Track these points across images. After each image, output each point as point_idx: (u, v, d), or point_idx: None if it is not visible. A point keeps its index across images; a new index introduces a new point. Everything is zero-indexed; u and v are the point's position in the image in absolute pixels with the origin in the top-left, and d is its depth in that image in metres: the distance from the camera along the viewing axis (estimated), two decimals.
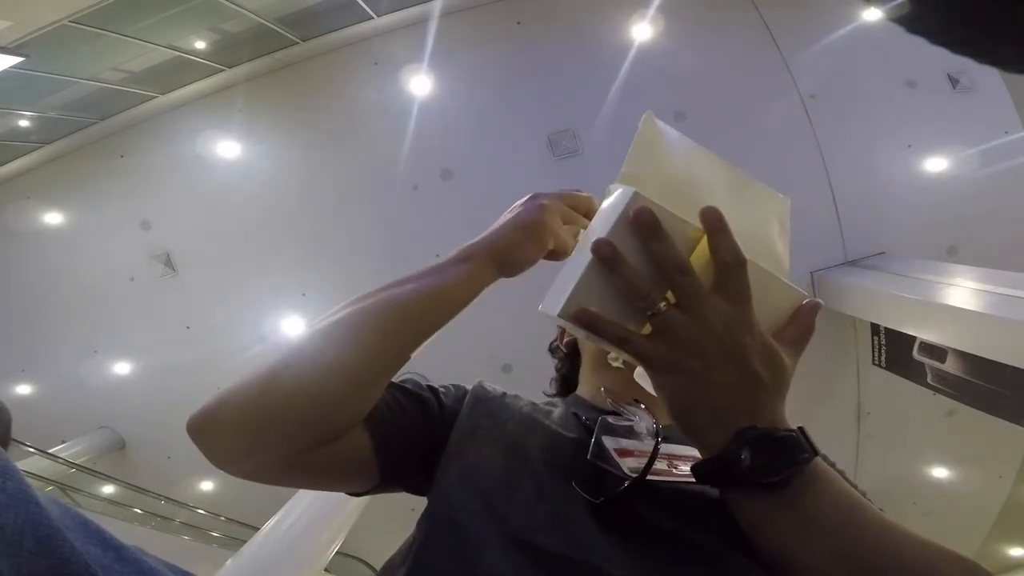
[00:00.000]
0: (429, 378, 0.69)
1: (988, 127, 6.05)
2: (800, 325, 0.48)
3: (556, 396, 0.90)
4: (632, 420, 0.64)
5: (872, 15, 5.43)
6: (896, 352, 5.53)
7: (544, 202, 0.60)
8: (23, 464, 5.36)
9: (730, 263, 0.44)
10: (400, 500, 0.81)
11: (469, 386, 0.71)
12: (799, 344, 0.48)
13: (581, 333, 0.49)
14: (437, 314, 0.55)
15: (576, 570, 0.46)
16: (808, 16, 6.16)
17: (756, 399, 0.44)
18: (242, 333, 6.83)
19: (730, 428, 0.44)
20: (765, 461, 0.43)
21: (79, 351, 7.06)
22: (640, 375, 0.59)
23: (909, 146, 6.18)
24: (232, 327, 6.85)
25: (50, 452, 6.03)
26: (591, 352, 0.81)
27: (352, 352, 0.51)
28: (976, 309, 4.07)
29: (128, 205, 6.75)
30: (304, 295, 6.73)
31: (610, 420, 0.63)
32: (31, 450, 5.65)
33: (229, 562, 3.73)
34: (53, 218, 6.86)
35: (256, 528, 4.03)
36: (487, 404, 0.66)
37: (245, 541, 4.02)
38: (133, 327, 7.01)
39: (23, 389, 7.20)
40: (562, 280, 0.49)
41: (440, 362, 0.81)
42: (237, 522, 6.30)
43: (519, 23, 6.31)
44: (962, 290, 4.45)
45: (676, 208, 0.46)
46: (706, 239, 0.45)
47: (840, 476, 0.47)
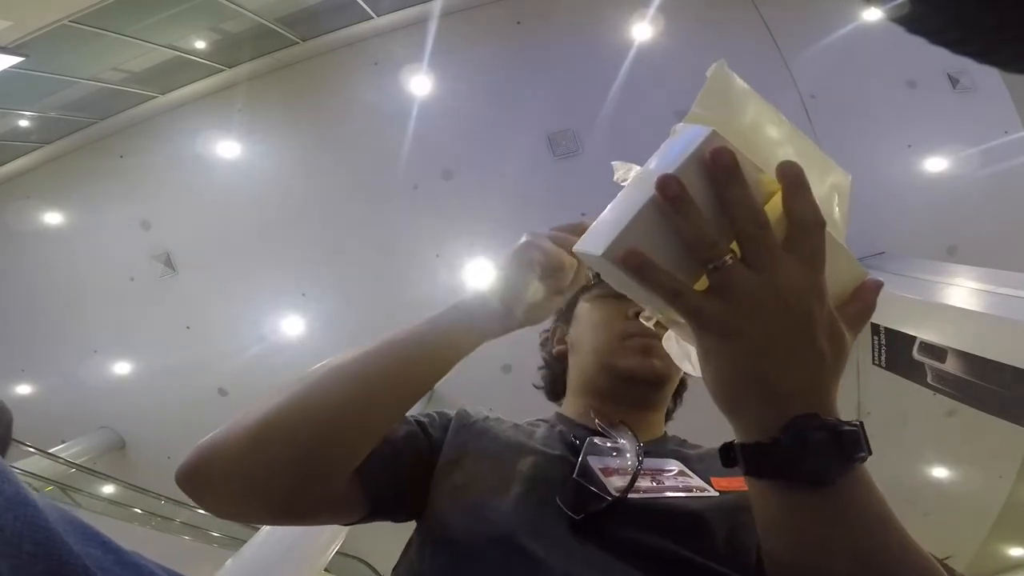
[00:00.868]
0: None
1: (988, 127, 6.05)
2: (863, 303, 0.43)
3: (542, 389, 0.92)
4: (618, 441, 0.65)
5: (872, 15, 5.43)
6: (896, 352, 5.52)
7: (527, 236, 0.61)
8: (23, 464, 5.36)
9: (809, 222, 0.39)
10: None
11: (452, 412, 0.72)
12: (859, 324, 0.43)
13: (621, 280, 0.44)
14: (428, 376, 0.57)
15: None
16: (808, 16, 6.16)
17: (817, 380, 0.39)
18: (242, 333, 6.84)
19: (787, 411, 0.38)
20: (826, 457, 0.38)
21: (79, 351, 7.07)
22: (670, 340, 0.57)
23: (909, 146, 6.18)
24: (232, 327, 6.85)
25: (50, 452, 6.03)
26: (579, 370, 0.82)
27: (352, 414, 0.52)
28: (976, 309, 4.07)
29: (128, 205, 6.76)
30: (304, 295, 6.73)
31: (596, 440, 0.64)
32: (31, 450, 5.65)
33: (229, 562, 3.74)
34: (53, 218, 6.86)
35: (256, 528, 4.03)
36: (470, 428, 0.69)
37: (245, 541, 4.03)
38: (133, 327, 7.02)
39: (23, 389, 7.21)
40: (609, 219, 0.44)
41: None
42: (237, 522, 6.30)
43: (519, 23, 6.31)
44: (962, 290, 4.44)
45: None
46: (779, 195, 0.40)
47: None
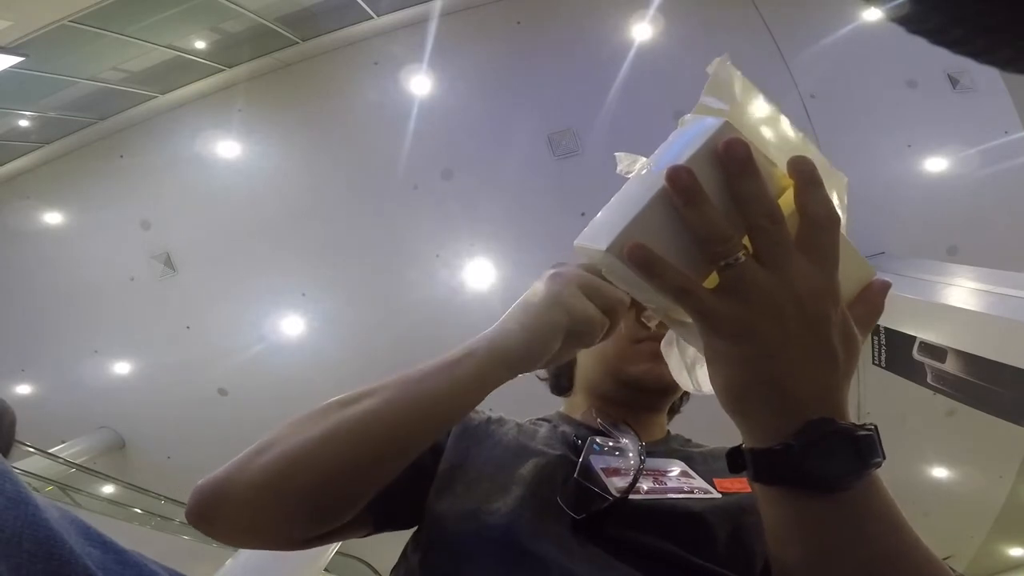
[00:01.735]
0: None
1: (988, 127, 6.05)
2: (871, 304, 0.42)
3: (546, 381, 0.90)
4: (620, 440, 0.65)
5: (872, 15, 5.43)
6: (896, 352, 5.51)
7: (559, 271, 0.52)
8: (23, 464, 5.36)
9: (822, 219, 0.38)
10: None
11: None
12: (868, 326, 0.42)
13: (625, 278, 0.42)
14: (445, 419, 0.51)
15: None
16: (808, 16, 6.16)
17: (832, 384, 0.38)
18: (242, 333, 6.84)
19: (800, 416, 0.37)
20: (843, 463, 0.37)
21: (79, 351, 7.06)
22: (669, 343, 0.56)
23: (909, 146, 6.18)
24: (232, 327, 6.85)
25: (50, 452, 6.03)
26: (585, 370, 0.81)
27: (390, 462, 0.49)
28: (976, 309, 4.07)
29: (128, 205, 6.75)
30: (304, 295, 6.72)
31: (598, 440, 0.64)
32: (31, 450, 5.66)
33: (229, 562, 3.75)
34: (53, 218, 6.86)
35: None
36: (472, 432, 0.68)
37: None
38: (133, 327, 7.01)
39: (23, 389, 7.20)
40: (613, 212, 0.42)
41: None
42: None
43: (519, 23, 6.31)
44: (962, 290, 4.44)
45: None
46: (790, 192, 0.39)
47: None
